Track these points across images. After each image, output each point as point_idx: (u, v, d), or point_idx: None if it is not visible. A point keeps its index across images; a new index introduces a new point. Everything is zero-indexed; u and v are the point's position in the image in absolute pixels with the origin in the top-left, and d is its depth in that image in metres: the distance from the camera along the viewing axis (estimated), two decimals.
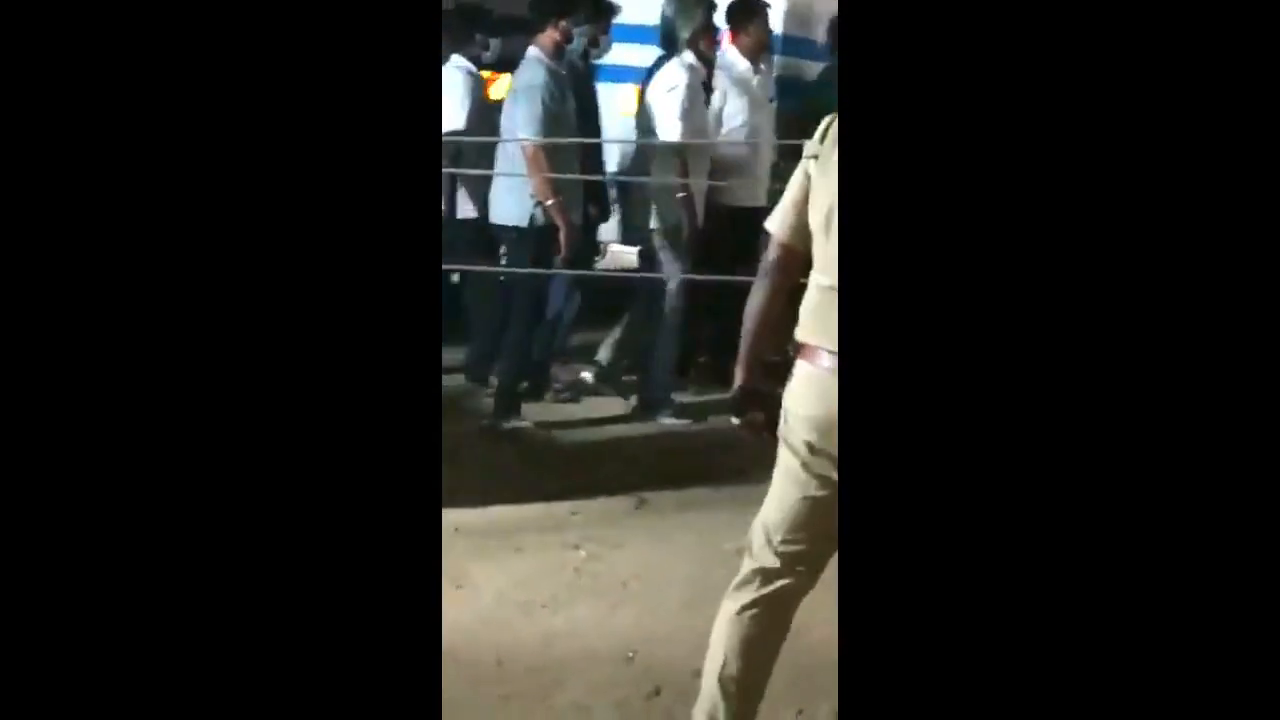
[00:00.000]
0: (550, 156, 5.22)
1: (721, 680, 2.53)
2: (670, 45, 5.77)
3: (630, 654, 3.39)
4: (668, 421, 5.63)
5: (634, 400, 5.81)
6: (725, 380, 5.77)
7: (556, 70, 5.36)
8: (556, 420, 5.61)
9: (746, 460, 4.98)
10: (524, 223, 5.35)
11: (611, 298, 6.06)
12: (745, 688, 2.54)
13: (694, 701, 3.07)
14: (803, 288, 2.53)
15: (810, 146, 2.52)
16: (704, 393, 5.79)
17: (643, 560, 4.07)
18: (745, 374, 2.64)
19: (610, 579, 3.93)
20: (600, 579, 3.93)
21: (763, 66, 6.04)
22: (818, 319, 2.43)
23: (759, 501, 3.84)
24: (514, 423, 5.40)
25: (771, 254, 2.60)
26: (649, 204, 5.65)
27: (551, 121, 5.24)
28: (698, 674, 3.24)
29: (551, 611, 3.66)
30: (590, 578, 3.94)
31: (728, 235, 5.67)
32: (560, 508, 4.54)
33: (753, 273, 2.67)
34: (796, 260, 2.55)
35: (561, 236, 5.29)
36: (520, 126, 5.27)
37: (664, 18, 5.84)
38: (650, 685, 3.21)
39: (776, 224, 2.59)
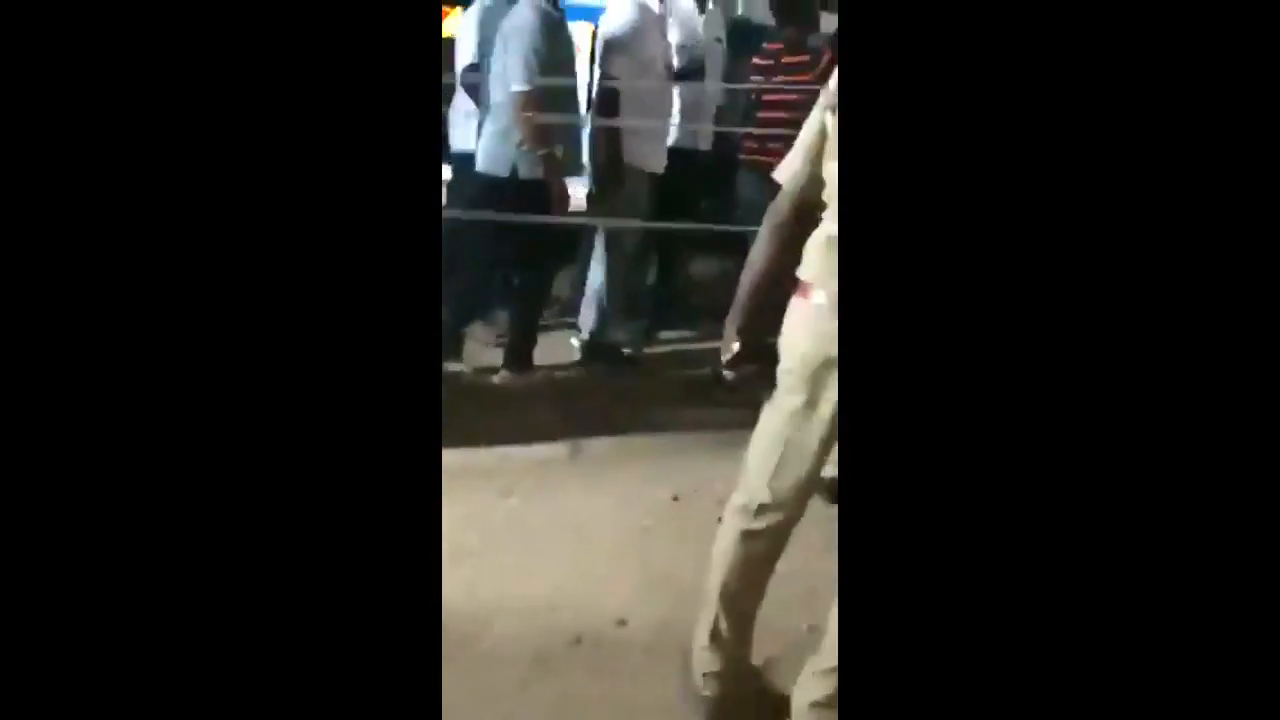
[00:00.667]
0: (543, 103, 5.01)
1: (722, 597, 2.62)
2: None
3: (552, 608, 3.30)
4: (610, 366, 5.51)
5: (578, 343, 5.67)
6: (674, 325, 5.80)
7: (549, 12, 5.14)
8: (493, 365, 5.47)
9: (687, 408, 4.96)
10: (506, 172, 5.15)
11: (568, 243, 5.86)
12: (744, 604, 2.64)
13: (613, 651, 3.02)
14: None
15: (827, 95, 2.48)
16: (649, 340, 5.68)
17: (574, 508, 3.97)
18: (742, 324, 2.59)
19: (539, 527, 3.82)
20: (529, 527, 3.82)
21: (711, 5, 5.89)
22: (822, 261, 2.41)
23: (698, 450, 3.76)
24: (451, 366, 5.25)
25: (782, 207, 2.55)
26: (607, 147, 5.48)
27: (542, 67, 5.02)
28: (621, 623, 3.18)
29: (477, 559, 3.55)
30: (520, 525, 3.83)
31: (669, 179, 5.55)
32: (492, 454, 4.43)
33: (694, 218, 2.61)
34: (807, 213, 2.51)
35: (548, 188, 5.08)
36: (511, 73, 5.06)
37: None
38: (573, 634, 3.11)
39: (787, 175, 2.56)
